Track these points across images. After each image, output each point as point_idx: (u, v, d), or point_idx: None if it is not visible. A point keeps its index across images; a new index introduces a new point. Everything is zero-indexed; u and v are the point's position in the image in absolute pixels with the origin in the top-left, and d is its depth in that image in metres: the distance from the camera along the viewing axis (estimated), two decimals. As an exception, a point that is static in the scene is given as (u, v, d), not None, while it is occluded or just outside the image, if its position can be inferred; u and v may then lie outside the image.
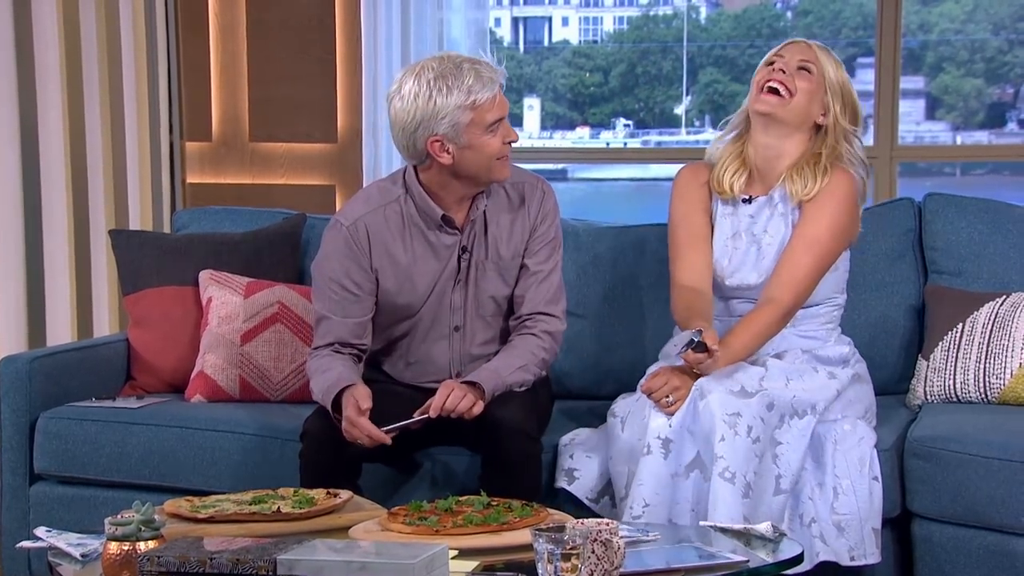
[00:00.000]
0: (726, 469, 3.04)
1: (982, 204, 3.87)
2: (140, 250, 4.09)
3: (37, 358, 3.84)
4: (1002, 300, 3.63)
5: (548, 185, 3.53)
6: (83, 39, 4.90)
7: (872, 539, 3.19)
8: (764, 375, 3.23)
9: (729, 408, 3.09)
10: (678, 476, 3.11)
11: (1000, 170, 5.83)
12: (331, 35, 4.99)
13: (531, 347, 3.39)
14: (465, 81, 3.25)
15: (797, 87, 3.42)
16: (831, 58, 3.49)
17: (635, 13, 6.26)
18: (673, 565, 2.55)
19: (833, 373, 3.36)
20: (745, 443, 3.06)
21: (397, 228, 3.39)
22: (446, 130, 3.26)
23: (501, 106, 3.31)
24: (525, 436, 3.23)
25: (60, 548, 2.70)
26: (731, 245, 3.46)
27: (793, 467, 3.14)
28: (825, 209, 3.39)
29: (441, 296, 3.42)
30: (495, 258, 3.42)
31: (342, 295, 3.39)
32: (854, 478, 3.19)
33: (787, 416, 3.18)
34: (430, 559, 2.37)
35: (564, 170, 6.18)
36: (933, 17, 5.66)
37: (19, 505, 3.78)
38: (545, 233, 3.46)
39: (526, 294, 3.43)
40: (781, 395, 3.19)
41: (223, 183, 5.12)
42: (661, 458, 3.12)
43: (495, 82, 3.28)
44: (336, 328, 3.40)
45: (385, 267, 3.40)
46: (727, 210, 3.49)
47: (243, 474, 3.57)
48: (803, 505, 3.16)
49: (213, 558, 2.39)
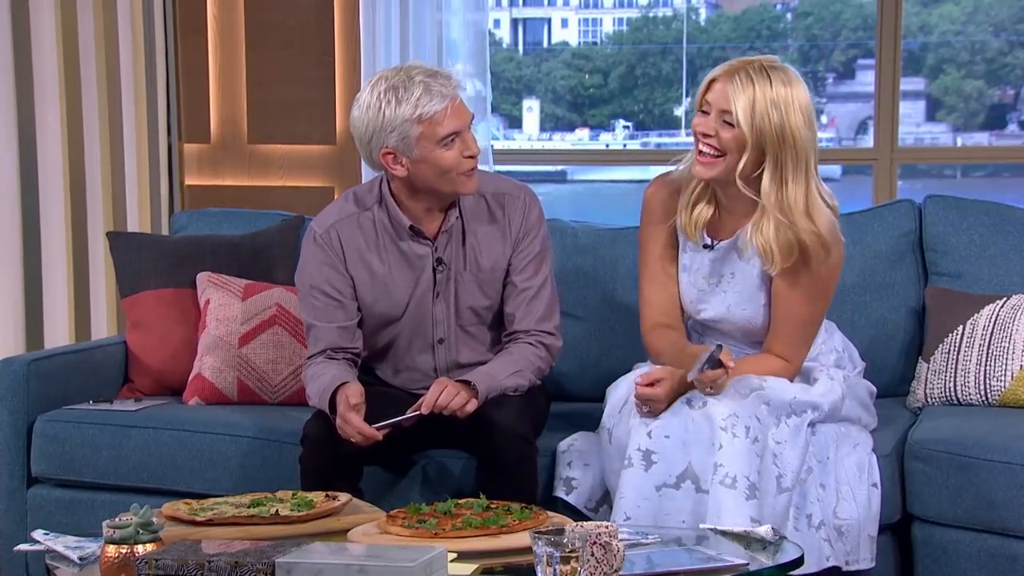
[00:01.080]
0: (726, 476, 2.98)
1: (982, 206, 3.86)
2: (138, 252, 4.09)
3: (35, 360, 3.83)
4: (1003, 302, 3.62)
5: (532, 195, 3.47)
6: (81, 41, 4.90)
7: (868, 545, 3.17)
8: (764, 380, 3.16)
9: (725, 411, 3.04)
10: (667, 487, 3.04)
11: (1000, 172, 5.82)
12: (330, 37, 4.99)
13: (528, 354, 3.38)
14: (413, 93, 3.22)
15: (723, 142, 3.13)
16: (759, 91, 3.08)
17: (635, 15, 6.25)
18: (672, 568, 2.54)
19: (832, 374, 3.33)
20: (744, 444, 3.02)
21: (371, 237, 3.39)
22: (396, 143, 3.25)
23: (455, 119, 3.25)
24: (519, 438, 3.22)
25: (58, 551, 2.70)
26: (695, 281, 3.33)
27: (793, 465, 3.08)
28: (811, 264, 3.18)
29: (421, 308, 3.41)
30: (474, 269, 3.41)
31: (324, 301, 3.40)
32: (853, 484, 3.17)
33: (783, 416, 3.13)
34: (429, 562, 2.37)
35: (563, 172, 6.18)
36: (933, 18, 5.65)
37: (16, 508, 3.77)
38: (530, 247, 3.42)
39: (517, 312, 3.41)
40: (779, 395, 3.14)
41: (221, 185, 5.11)
42: (642, 470, 3.05)
43: (446, 96, 3.23)
44: (324, 335, 3.40)
45: (361, 275, 3.40)
46: (691, 245, 3.32)
47: (241, 477, 3.56)
48: (811, 506, 3.11)
49: (211, 561, 2.38)
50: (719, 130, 3.13)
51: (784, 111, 3.09)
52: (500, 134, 5.87)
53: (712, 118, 3.14)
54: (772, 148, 3.11)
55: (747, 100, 3.09)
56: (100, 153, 4.92)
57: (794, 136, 3.10)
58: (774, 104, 3.09)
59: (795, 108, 3.10)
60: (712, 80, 3.17)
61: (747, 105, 3.09)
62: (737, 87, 3.10)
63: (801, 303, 3.22)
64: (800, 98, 3.12)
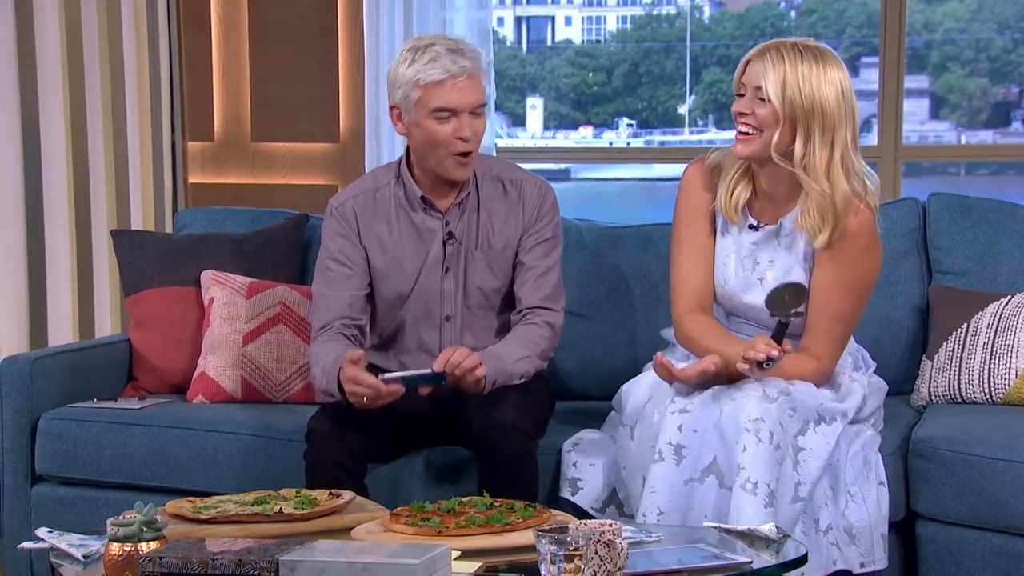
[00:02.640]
0: (747, 480, 2.97)
1: (987, 204, 3.86)
2: (142, 250, 4.09)
3: (38, 359, 3.83)
4: (1007, 300, 3.62)
5: (549, 187, 3.53)
6: (84, 38, 4.90)
7: (881, 545, 3.15)
8: (792, 385, 3.13)
9: (752, 414, 3.02)
10: (693, 482, 3.04)
11: (1005, 170, 5.81)
12: (333, 35, 4.99)
13: (534, 336, 3.39)
14: (423, 59, 3.32)
15: (759, 119, 3.18)
16: (789, 67, 3.15)
17: (638, 12, 6.25)
18: (676, 566, 2.54)
19: (854, 376, 3.31)
20: (768, 451, 2.99)
21: (385, 210, 3.46)
22: (399, 100, 3.37)
23: (452, 94, 3.31)
24: (519, 434, 3.22)
25: (62, 549, 2.70)
26: (730, 266, 3.32)
27: (813, 475, 3.06)
28: (850, 256, 3.21)
29: (430, 282, 3.45)
30: (485, 248, 3.45)
31: (337, 270, 3.46)
32: (862, 484, 3.15)
33: (811, 422, 3.10)
34: (432, 560, 2.36)
35: (567, 170, 6.18)
36: (937, 16, 5.64)
37: (20, 506, 3.77)
38: (541, 231, 3.47)
39: (523, 289, 3.45)
40: (805, 400, 3.10)
41: (225, 183, 5.11)
42: (674, 464, 3.05)
43: (449, 71, 3.30)
44: (334, 303, 3.44)
45: (373, 246, 3.46)
46: (730, 228, 3.32)
47: (245, 475, 3.57)
48: (818, 511, 3.09)
49: (215, 559, 2.38)
50: (755, 108, 3.18)
51: (815, 86, 3.14)
52: (504, 132, 5.87)
53: (748, 98, 3.20)
54: (803, 119, 3.14)
55: (778, 76, 3.15)
56: (104, 151, 4.92)
57: (823, 109, 3.14)
58: (804, 78, 3.14)
59: (826, 83, 3.15)
60: (747, 62, 3.22)
61: (777, 80, 3.15)
62: (768, 64, 3.16)
63: (840, 297, 3.22)
64: (832, 75, 3.16)
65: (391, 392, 3.18)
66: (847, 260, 3.21)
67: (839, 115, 3.16)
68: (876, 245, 3.26)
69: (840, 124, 3.16)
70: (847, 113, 3.17)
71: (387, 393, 3.18)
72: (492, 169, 3.50)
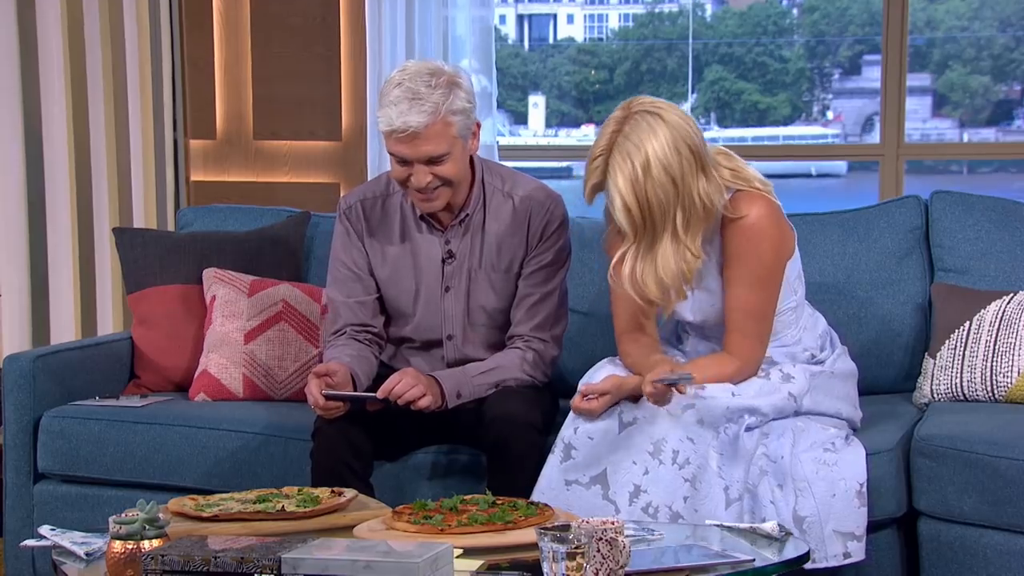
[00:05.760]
0: (649, 504, 3.01)
1: (989, 202, 3.86)
2: (144, 248, 4.09)
3: (41, 356, 3.83)
4: (1009, 298, 3.61)
5: (561, 206, 3.46)
6: (87, 36, 4.90)
7: (834, 541, 3.09)
8: (701, 389, 3.12)
9: (655, 435, 3.06)
10: (578, 485, 3.07)
11: (1007, 167, 5.81)
12: (335, 32, 4.99)
13: (512, 357, 3.40)
14: (384, 99, 3.24)
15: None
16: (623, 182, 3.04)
17: (640, 10, 6.25)
18: (678, 564, 2.54)
19: (789, 375, 3.26)
20: (670, 472, 3.03)
21: (391, 220, 3.44)
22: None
23: (399, 148, 3.23)
24: (529, 427, 3.23)
25: (64, 547, 2.70)
26: None
27: (737, 475, 3.07)
28: (747, 248, 3.17)
29: (431, 300, 3.43)
30: (488, 269, 3.42)
31: (344, 273, 3.47)
32: (811, 479, 3.13)
33: (721, 427, 3.11)
34: (435, 558, 2.36)
35: (569, 168, 6.17)
36: (939, 14, 5.64)
37: (23, 504, 3.77)
38: (542, 256, 3.43)
39: (516, 317, 3.44)
40: (711, 408, 3.10)
41: (227, 181, 5.11)
42: (558, 460, 3.10)
43: (393, 127, 3.19)
44: (343, 310, 3.46)
45: (375, 254, 3.46)
46: None
47: (247, 473, 3.57)
48: (764, 509, 3.07)
49: (217, 557, 2.38)
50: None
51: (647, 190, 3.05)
52: (506, 130, 5.88)
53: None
54: (660, 220, 3.08)
55: (621, 201, 3.05)
56: (106, 149, 4.92)
57: (661, 203, 3.06)
58: (637, 183, 3.04)
59: (653, 172, 3.04)
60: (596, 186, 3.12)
61: (622, 204, 3.06)
62: (611, 185, 3.06)
63: (745, 292, 3.19)
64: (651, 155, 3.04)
65: (327, 408, 3.20)
66: (743, 254, 3.18)
67: (680, 178, 3.05)
68: (772, 230, 3.18)
69: (687, 178, 3.07)
70: (685, 162, 3.06)
71: (324, 408, 3.21)
72: (504, 184, 3.44)
